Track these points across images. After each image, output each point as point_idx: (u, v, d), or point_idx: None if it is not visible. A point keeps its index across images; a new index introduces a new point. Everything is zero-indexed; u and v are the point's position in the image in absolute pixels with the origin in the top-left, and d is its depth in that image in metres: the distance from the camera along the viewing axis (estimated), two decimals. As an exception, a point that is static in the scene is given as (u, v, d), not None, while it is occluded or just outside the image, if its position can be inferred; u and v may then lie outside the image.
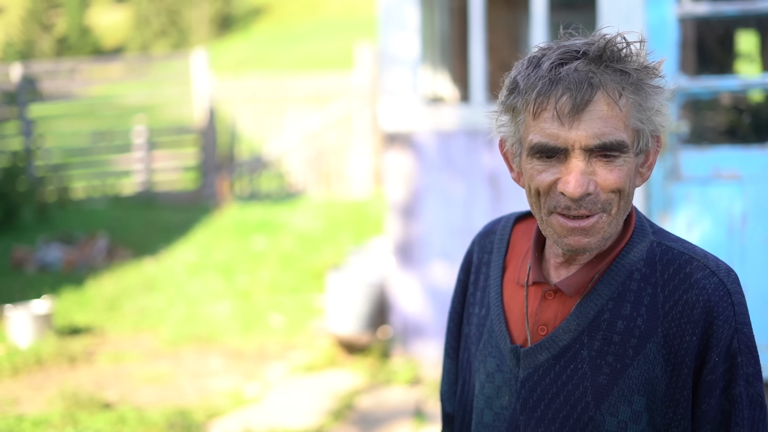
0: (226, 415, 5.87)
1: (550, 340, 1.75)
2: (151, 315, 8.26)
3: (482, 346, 1.88)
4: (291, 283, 9.20)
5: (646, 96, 1.66)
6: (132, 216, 13.44)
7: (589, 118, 1.61)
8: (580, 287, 1.74)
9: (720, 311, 1.66)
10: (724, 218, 5.31)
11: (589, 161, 1.64)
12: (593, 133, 1.61)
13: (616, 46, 1.65)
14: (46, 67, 19.15)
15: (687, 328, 1.67)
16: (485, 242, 1.99)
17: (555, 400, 1.73)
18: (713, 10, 5.35)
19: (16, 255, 10.08)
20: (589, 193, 1.64)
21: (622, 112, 1.63)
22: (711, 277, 1.68)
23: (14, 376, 6.65)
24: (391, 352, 6.42)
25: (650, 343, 1.68)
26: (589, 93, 1.61)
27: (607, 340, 1.70)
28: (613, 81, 1.63)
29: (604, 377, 1.69)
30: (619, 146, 1.63)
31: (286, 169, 16.21)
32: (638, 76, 1.65)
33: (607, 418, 1.68)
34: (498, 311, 1.86)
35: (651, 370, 1.67)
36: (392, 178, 6.27)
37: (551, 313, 1.77)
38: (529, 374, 1.77)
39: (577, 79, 1.62)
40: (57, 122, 17.62)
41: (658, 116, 1.69)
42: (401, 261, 6.29)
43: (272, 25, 54.99)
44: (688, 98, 5.55)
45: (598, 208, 1.65)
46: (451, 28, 7.61)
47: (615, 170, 1.64)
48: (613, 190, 1.65)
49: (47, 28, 57.60)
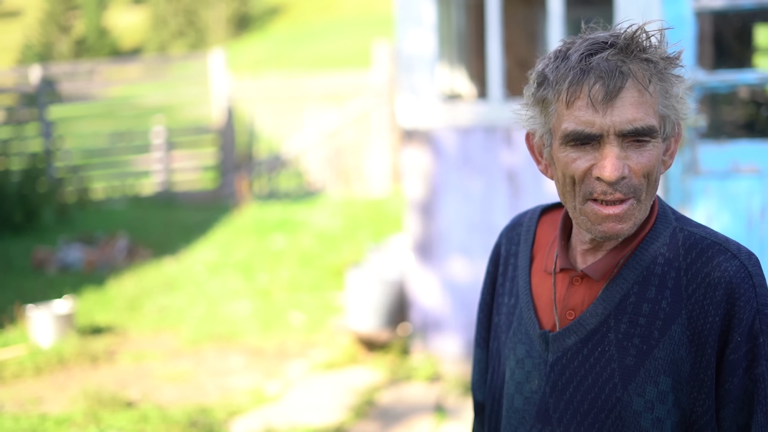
0: (247, 413, 5.90)
1: (578, 324, 1.81)
2: (172, 314, 8.30)
3: (512, 334, 1.94)
4: (310, 281, 9.23)
5: (670, 84, 1.73)
6: (151, 216, 13.50)
7: (622, 104, 1.68)
8: (606, 272, 1.80)
9: (741, 292, 1.71)
10: (743, 212, 5.29)
11: (622, 146, 1.70)
12: (627, 119, 1.68)
13: (642, 36, 1.71)
14: (65, 68, 19.27)
15: (710, 309, 1.72)
16: (512, 234, 2.05)
17: (583, 382, 1.78)
18: (730, 3, 5.33)
19: (38, 256, 10.15)
20: (624, 177, 1.70)
21: (652, 98, 1.70)
22: (732, 260, 1.74)
23: (37, 375, 6.71)
24: (411, 348, 6.44)
25: (675, 325, 1.73)
26: (621, 80, 1.68)
27: (633, 322, 1.76)
28: (641, 69, 1.69)
29: (630, 359, 1.75)
30: (650, 131, 1.70)
31: (305, 168, 16.25)
32: (663, 64, 1.72)
33: (635, 398, 1.73)
34: (527, 299, 1.92)
35: (676, 350, 1.73)
36: (410, 175, 6.29)
37: (578, 298, 1.83)
38: (557, 358, 1.82)
39: (607, 67, 1.68)
40: (76, 123, 17.72)
41: (681, 104, 1.76)
42: (420, 257, 6.31)
43: (289, 24, 55.09)
44: (705, 92, 5.54)
45: (631, 192, 1.71)
46: (468, 25, 7.61)
47: (646, 154, 1.71)
48: (645, 174, 1.71)
49: (65, 29, 57.89)
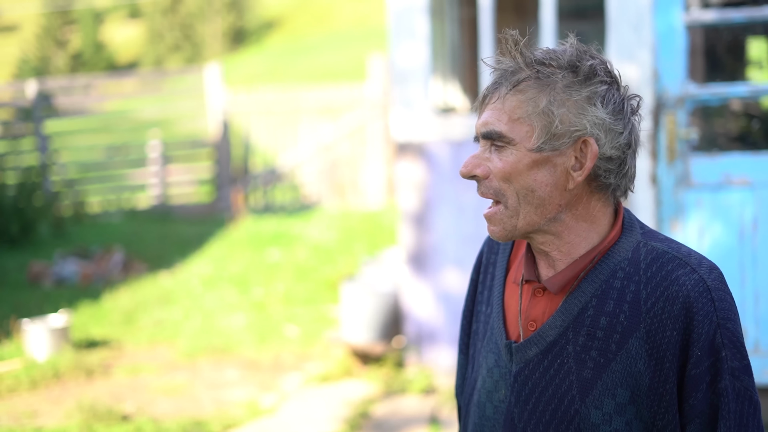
0: (242, 426, 5.91)
1: (538, 336, 1.84)
2: (168, 327, 8.31)
3: (485, 343, 1.97)
4: (306, 294, 9.24)
5: (552, 96, 1.76)
6: (147, 230, 13.52)
7: (487, 109, 1.81)
8: (566, 285, 1.82)
9: (700, 307, 1.73)
10: (735, 224, 5.32)
11: (489, 149, 1.80)
12: (483, 122, 1.81)
13: (528, 50, 1.79)
14: (61, 83, 19.30)
15: (668, 324, 1.73)
16: (494, 244, 2.09)
17: (544, 393, 1.81)
18: (721, 17, 5.37)
19: (33, 269, 10.16)
20: (476, 176, 1.81)
21: (508, 105, 1.78)
22: (691, 274, 1.75)
23: (32, 389, 6.71)
24: (406, 361, 6.45)
25: (632, 339, 1.75)
26: (493, 87, 1.81)
27: (590, 335, 1.78)
28: (512, 79, 1.78)
29: (588, 371, 1.77)
30: (497, 136, 1.78)
31: (300, 181, 16.27)
32: (550, 77, 1.77)
33: (592, 410, 1.76)
34: (498, 309, 1.96)
35: (634, 364, 1.74)
36: (404, 187, 6.31)
37: (540, 309, 1.86)
38: (520, 368, 1.85)
39: (492, 78, 1.83)
40: (72, 137, 17.72)
41: (575, 117, 1.76)
42: (414, 270, 6.33)
43: (285, 37, 55.14)
44: (697, 105, 5.57)
45: (491, 194, 1.80)
46: (461, 38, 7.65)
47: (502, 159, 1.78)
48: (503, 179, 1.78)
49: (62, 44, 57.89)
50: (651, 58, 5.40)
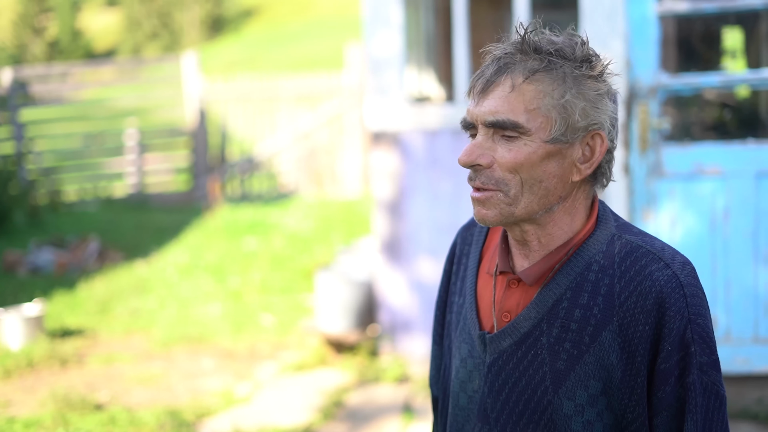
0: (216, 414, 5.91)
1: (512, 327, 1.84)
2: (143, 317, 8.30)
3: (458, 333, 1.98)
4: (282, 283, 9.24)
5: (566, 86, 1.76)
6: (124, 218, 13.47)
7: (492, 97, 1.76)
8: (541, 277, 1.83)
9: (672, 302, 1.74)
10: (706, 213, 5.36)
11: (492, 138, 1.77)
12: (489, 111, 1.76)
13: (535, 35, 1.79)
14: (38, 71, 19.18)
15: (640, 318, 1.75)
16: (467, 234, 2.09)
17: (518, 384, 1.82)
18: (693, 7, 5.40)
19: (8, 258, 10.11)
20: (480, 165, 1.77)
21: (523, 95, 1.75)
22: (665, 270, 1.76)
23: (6, 378, 6.69)
24: (380, 349, 6.47)
25: (605, 332, 1.76)
26: (498, 76, 1.77)
27: (564, 327, 1.79)
28: (524, 68, 1.76)
29: (561, 363, 1.78)
30: (512, 126, 1.75)
31: (278, 170, 16.25)
32: (554, 65, 1.76)
33: (565, 401, 1.77)
34: (471, 300, 1.96)
35: (606, 357, 1.76)
36: (379, 176, 6.32)
37: (514, 301, 1.86)
38: (494, 359, 1.86)
39: (497, 64, 1.78)
40: (49, 126, 17.60)
41: (588, 110, 1.77)
42: (389, 259, 6.34)
43: (264, 26, 54.99)
44: (669, 95, 5.60)
45: (492, 184, 1.77)
46: (436, 27, 7.66)
47: (513, 150, 1.76)
48: (510, 169, 1.76)
49: (39, 31, 57.53)
50: (624, 47, 5.42)
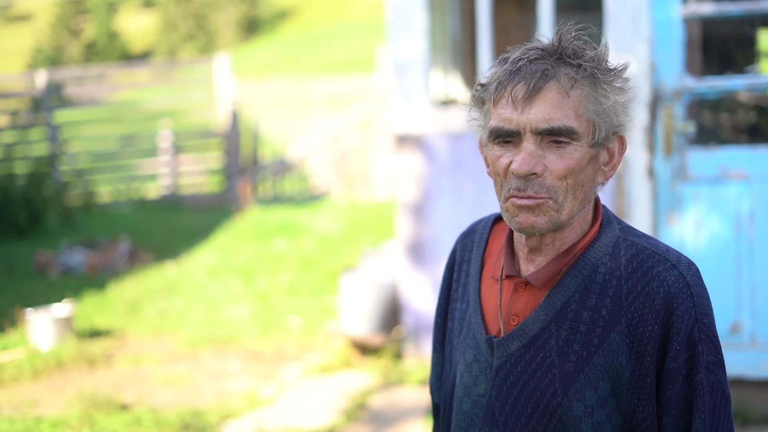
0: (240, 416, 5.94)
1: (520, 330, 1.85)
2: (171, 318, 8.36)
3: (462, 339, 1.98)
4: (310, 284, 9.27)
5: (603, 92, 1.78)
6: (155, 220, 13.56)
7: (540, 104, 1.74)
8: (549, 280, 1.84)
9: (680, 302, 1.76)
10: (732, 217, 5.32)
11: (540, 145, 1.76)
12: (542, 118, 1.73)
13: (573, 41, 1.78)
14: (73, 73, 19.37)
15: (649, 318, 1.76)
16: (467, 241, 2.09)
17: (526, 387, 1.83)
18: (718, 10, 5.36)
19: (40, 259, 10.22)
20: (536, 174, 1.75)
21: (573, 101, 1.75)
22: (671, 270, 1.79)
23: (35, 378, 6.76)
24: (404, 352, 6.48)
25: (614, 333, 1.78)
26: (542, 81, 1.74)
27: (573, 329, 1.80)
28: (566, 74, 1.76)
29: (570, 365, 1.79)
30: (567, 132, 1.75)
31: (310, 172, 16.30)
32: (594, 71, 1.77)
33: (575, 403, 1.78)
34: (475, 305, 1.97)
35: (615, 357, 1.77)
36: (403, 179, 6.33)
37: (522, 304, 1.87)
38: (502, 363, 1.87)
39: (532, 69, 1.75)
40: (83, 128, 17.78)
41: (618, 114, 1.81)
42: (413, 261, 6.35)
43: (298, 27, 55.16)
44: (694, 98, 5.57)
45: (544, 192, 1.76)
46: (462, 30, 7.65)
47: (565, 157, 1.76)
48: (561, 176, 1.76)
49: (76, 33, 58.11)
50: (648, 51, 5.39)
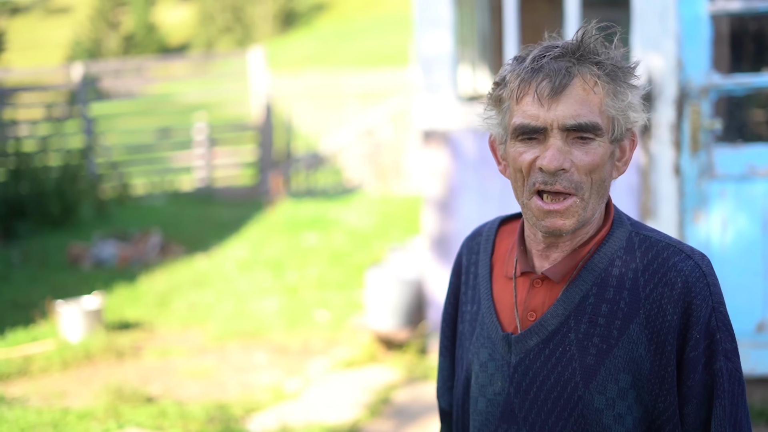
0: (265, 409, 5.97)
1: (539, 325, 1.87)
2: (200, 310, 8.41)
3: (475, 339, 1.99)
4: (339, 279, 9.29)
5: (622, 90, 1.81)
6: (188, 212, 13.65)
7: (566, 100, 1.76)
8: (566, 274, 1.86)
9: (698, 291, 1.79)
10: (759, 215, 5.27)
11: (566, 141, 1.78)
12: (570, 114, 1.76)
13: (592, 41, 1.81)
14: (110, 65, 19.52)
15: (668, 308, 1.79)
16: (472, 244, 2.11)
17: (546, 381, 1.84)
18: (746, 6, 5.31)
19: (73, 251, 10.33)
20: (564, 169, 1.77)
21: (596, 97, 1.78)
22: (687, 260, 1.82)
23: (64, 370, 6.83)
24: (429, 347, 6.48)
25: (633, 324, 1.80)
26: (567, 78, 1.77)
27: (592, 322, 1.82)
28: (589, 71, 1.78)
29: (591, 358, 1.81)
30: (593, 128, 1.77)
31: (343, 165, 16.33)
32: (614, 70, 1.80)
33: (596, 396, 1.80)
34: (488, 304, 1.98)
35: (635, 349, 1.79)
36: (429, 174, 6.32)
37: (539, 299, 1.89)
38: (521, 359, 1.88)
39: (556, 67, 1.78)
40: (119, 120, 17.94)
41: (632, 111, 1.83)
42: (438, 256, 6.34)
43: (334, 20, 55.23)
44: (721, 95, 5.52)
45: (572, 187, 1.78)
46: (492, 26, 7.63)
47: (590, 152, 1.78)
48: (587, 172, 1.78)
49: (114, 26, 58.55)
50: (675, 47, 5.35)
